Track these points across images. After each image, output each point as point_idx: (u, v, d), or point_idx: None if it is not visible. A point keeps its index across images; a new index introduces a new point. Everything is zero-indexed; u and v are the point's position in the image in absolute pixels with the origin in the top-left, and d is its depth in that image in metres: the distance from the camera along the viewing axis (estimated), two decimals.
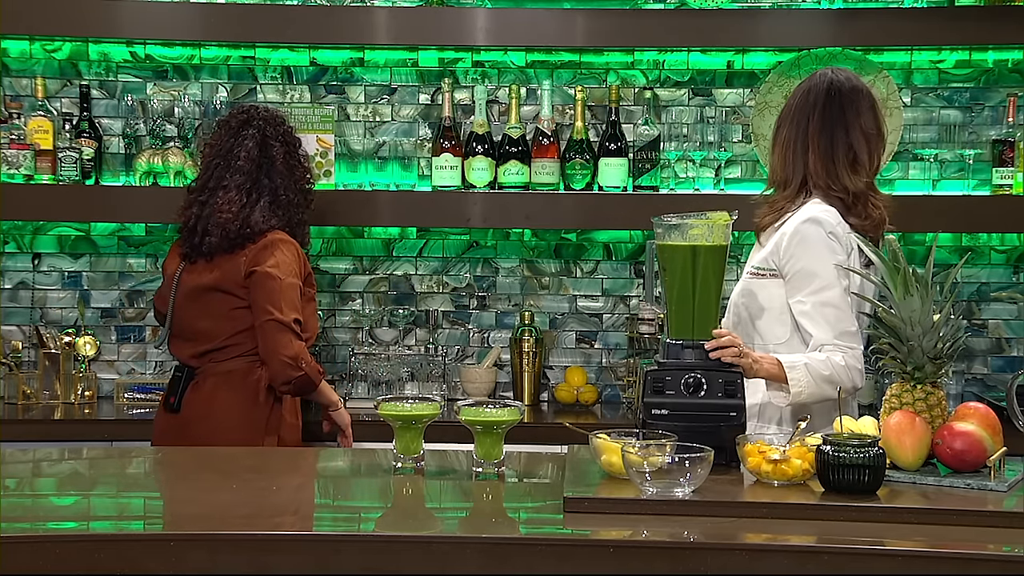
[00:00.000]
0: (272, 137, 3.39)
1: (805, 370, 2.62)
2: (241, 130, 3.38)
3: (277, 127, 3.42)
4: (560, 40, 4.01)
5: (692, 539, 1.97)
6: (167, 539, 1.98)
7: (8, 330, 4.17)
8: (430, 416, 2.44)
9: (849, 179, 2.83)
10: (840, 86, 2.88)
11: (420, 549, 1.95)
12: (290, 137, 3.45)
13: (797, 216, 2.81)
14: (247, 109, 3.44)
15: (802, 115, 2.88)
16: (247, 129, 3.38)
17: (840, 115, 2.85)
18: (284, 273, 3.25)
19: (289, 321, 3.19)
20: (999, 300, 4.17)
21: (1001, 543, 1.98)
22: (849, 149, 2.85)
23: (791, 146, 2.89)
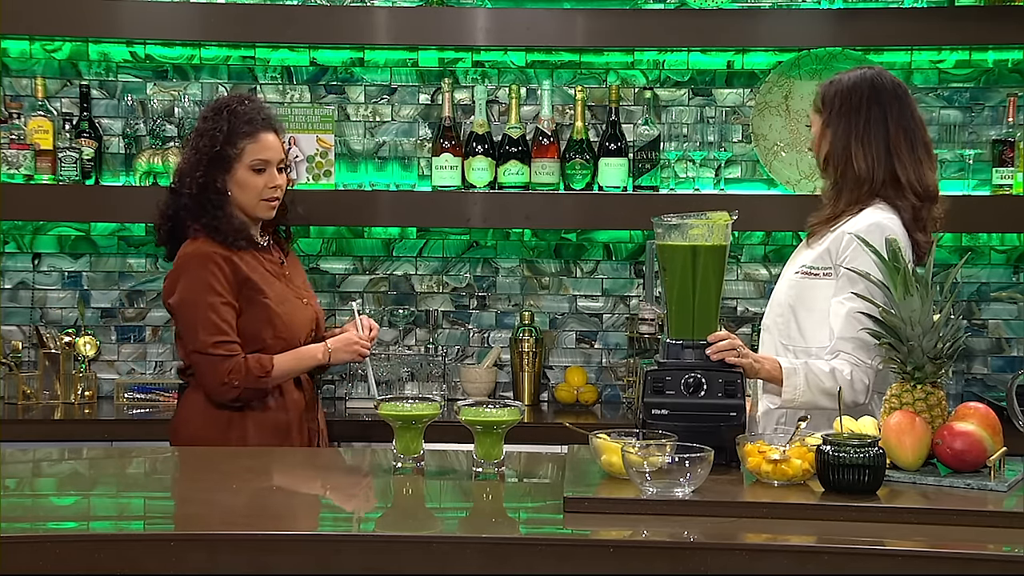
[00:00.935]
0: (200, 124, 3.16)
1: (804, 378, 2.62)
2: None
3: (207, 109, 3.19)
4: (560, 40, 4.01)
5: (692, 539, 1.97)
6: (167, 539, 1.98)
7: (8, 330, 4.17)
8: (430, 416, 2.44)
9: (931, 177, 2.85)
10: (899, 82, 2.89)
11: (420, 549, 1.95)
12: (208, 113, 3.13)
13: (862, 218, 2.77)
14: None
15: (876, 110, 2.81)
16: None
17: (912, 111, 2.84)
18: (192, 297, 3.02)
19: (208, 347, 2.99)
20: (999, 300, 4.17)
21: (1001, 543, 1.98)
22: (927, 146, 2.85)
23: (868, 142, 2.80)
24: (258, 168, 3.09)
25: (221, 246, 3.05)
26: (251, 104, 3.15)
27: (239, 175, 3.09)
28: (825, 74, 4.04)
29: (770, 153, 4.09)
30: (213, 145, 3.06)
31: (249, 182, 3.09)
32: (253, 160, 3.08)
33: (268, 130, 3.12)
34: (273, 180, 3.11)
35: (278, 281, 3.13)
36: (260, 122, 3.10)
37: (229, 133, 3.06)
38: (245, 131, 3.07)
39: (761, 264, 4.22)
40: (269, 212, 3.15)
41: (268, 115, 3.16)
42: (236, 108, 3.09)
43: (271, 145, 3.12)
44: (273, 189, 3.11)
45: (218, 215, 3.05)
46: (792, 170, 4.08)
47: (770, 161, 4.09)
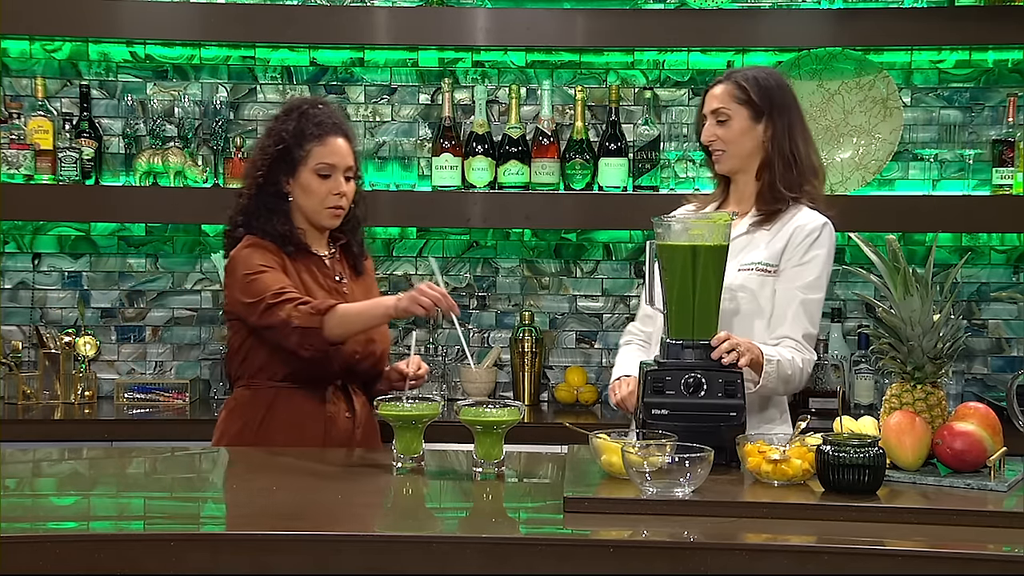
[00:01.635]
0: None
1: (776, 366, 2.65)
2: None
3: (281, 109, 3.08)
4: (560, 40, 4.01)
5: (692, 539, 1.97)
6: (167, 539, 1.98)
7: (8, 330, 4.17)
8: (430, 416, 2.44)
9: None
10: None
11: (420, 549, 1.95)
12: (280, 113, 3.03)
13: (807, 216, 2.82)
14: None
15: (798, 111, 2.90)
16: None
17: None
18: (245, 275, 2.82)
19: (269, 297, 2.77)
20: (999, 300, 4.17)
21: (1001, 543, 1.98)
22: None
23: (806, 135, 2.90)
24: (323, 173, 2.90)
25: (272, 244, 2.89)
26: (324, 108, 2.98)
27: (303, 178, 2.91)
28: (825, 74, 4.05)
29: None
30: (279, 144, 2.91)
31: (313, 186, 2.90)
32: (318, 164, 2.90)
33: (338, 135, 2.94)
34: (339, 187, 2.91)
35: (329, 296, 2.89)
36: (331, 126, 2.93)
37: (297, 134, 2.91)
38: (314, 133, 2.91)
39: None
40: (333, 220, 2.94)
41: (340, 120, 2.99)
42: (308, 110, 2.95)
43: (339, 150, 2.92)
44: (338, 196, 2.91)
45: (272, 219, 2.90)
46: None
47: None
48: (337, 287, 2.95)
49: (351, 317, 2.75)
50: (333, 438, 2.86)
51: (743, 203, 2.91)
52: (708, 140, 2.89)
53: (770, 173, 2.85)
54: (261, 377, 2.88)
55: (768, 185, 2.86)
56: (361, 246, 3.07)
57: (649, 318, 2.98)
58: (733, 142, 2.86)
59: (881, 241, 2.46)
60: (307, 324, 2.72)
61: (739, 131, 2.85)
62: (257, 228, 2.91)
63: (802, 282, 2.76)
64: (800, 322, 2.74)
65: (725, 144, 2.86)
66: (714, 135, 2.87)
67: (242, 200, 2.97)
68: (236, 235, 2.95)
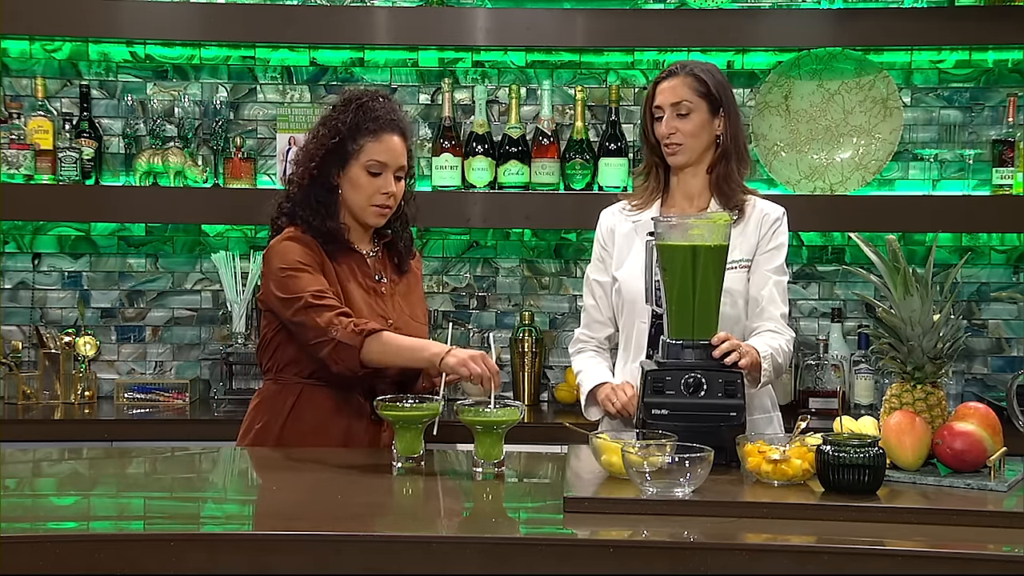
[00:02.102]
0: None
1: (771, 361, 2.69)
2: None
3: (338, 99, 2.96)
4: (560, 40, 4.01)
5: (692, 539, 1.97)
6: (167, 539, 1.98)
7: (8, 330, 4.17)
8: (430, 416, 2.44)
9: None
10: None
11: (420, 549, 1.95)
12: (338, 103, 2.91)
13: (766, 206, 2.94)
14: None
15: (736, 105, 2.97)
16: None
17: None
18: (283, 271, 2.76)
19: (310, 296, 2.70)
20: (999, 300, 4.17)
21: (1001, 543, 1.98)
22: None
23: (744, 135, 3.00)
24: (374, 171, 2.81)
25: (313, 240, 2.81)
26: (383, 103, 2.87)
27: (352, 172, 2.82)
28: (825, 74, 4.05)
29: (770, 153, 4.09)
30: (333, 136, 2.82)
31: (362, 182, 2.81)
32: (370, 160, 2.81)
33: (394, 132, 2.84)
34: (388, 186, 2.82)
35: (366, 296, 2.84)
36: (387, 122, 2.83)
37: (352, 127, 2.81)
38: (369, 128, 2.81)
39: None
40: (378, 219, 2.86)
41: (398, 117, 2.88)
42: (367, 103, 2.85)
43: (393, 148, 2.83)
44: (386, 196, 2.82)
45: (320, 212, 2.81)
46: (792, 170, 4.07)
47: (770, 161, 4.08)
48: (376, 287, 2.87)
49: (392, 350, 2.66)
50: (354, 439, 2.79)
51: (693, 198, 2.93)
52: (668, 133, 2.88)
53: (725, 166, 2.90)
54: (289, 372, 2.82)
55: (724, 178, 2.90)
56: (408, 245, 2.98)
57: (599, 324, 3.00)
58: (694, 135, 2.87)
59: (881, 241, 2.46)
60: (347, 340, 2.64)
61: (700, 124, 2.88)
62: (303, 220, 2.83)
63: (773, 266, 2.86)
64: (777, 304, 2.82)
65: (685, 137, 2.87)
66: (675, 128, 2.87)
67: (292, 188, 2.88)
68: (280, 224, 2.87)
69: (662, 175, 2.96)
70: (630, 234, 2.96)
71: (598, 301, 3.01)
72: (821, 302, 4.21)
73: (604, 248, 3.01)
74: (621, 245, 2.97)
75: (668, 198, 2.96)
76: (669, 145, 2.88)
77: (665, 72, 2.94)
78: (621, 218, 3.00)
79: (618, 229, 2.99)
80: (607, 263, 3.00)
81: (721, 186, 2.89)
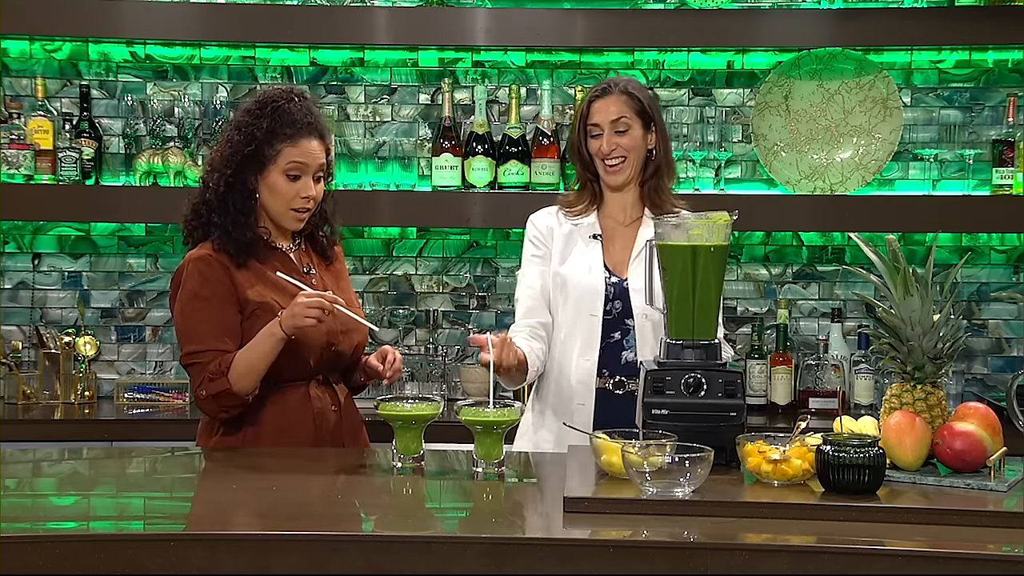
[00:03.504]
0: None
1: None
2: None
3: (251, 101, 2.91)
4: (560, 40, 4.01)
5: (692, 539, 1.97)
6: (167, 539, 1.98)
7: (8, 330, 4.17)
8: (430, 416, 2.44)
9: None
10: None
11: (420, 549, 1.95)
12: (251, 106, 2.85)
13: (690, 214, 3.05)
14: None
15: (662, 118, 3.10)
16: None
17: None
18: (180, 307, 2.79)
19: (184, 359, 2.78)
20: (999, 300, 4.17)
21: (1001, 543, 1.98)
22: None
23: (671, 147, 3.15)
24: (293, 174, 2.78)
25: (225, 256, 2.79)
26: (299, 103, 2.83)
27: (271, 178, 2.79)
28: (825, 74, 4.05)
29: (770, 153, 4.09)
30: (248, 143, 2.78)
31: (280, 188, 2.79)
32: (288, 164, 2.78)
33: (312, 135, 2.81)
34: (307, 189, 2.80)
35: (288, 288, 2.78)
36: (304, 126, 2.80)
37: (269, 132, 2.77)
38: (287, 133, 2.78)
39: (761, 264, 4.22)
40: (296, 224, 2.85)
41: (315, 119, 2.84)
42: (282, 106, 2.80)
43: (311, 151, 2.80)
44: (305, 200, 2.80)
45: (238, 220, 2.78)
46: (792, 170, 4.08)
47: (770, 161, 4.09)
48: (304, 279, 2.83)
49: (247, 361, 2.69)
50: (324, 432, 2.80)
51: (626, 210, 3.06)
52: (610, 150, 2.98)
53: (657, 179, 3.03)
54: None
55: (656, 190, 3.04)
56: (330, 236, 2.97)
57: (535, 311, 3.05)
58: (634, 149, 3.00)
59: (881, 241, 2.46)
60: (216, 391, 2.68)
61: (638, 139, 3.00)
62: (220, 230, 2.79)
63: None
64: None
65: (627, 151, 2.99)
66: (616, 144, 2.98)
67: (208, 194, 2.82)
68: (195, 232, 2.85)
69: (597, 189, 3.07)
70: (571, 235, 3.06)
71: (534, 288, 3.08)
72: (821, 302, 4.21)
73: (542, 245, 3.09)
74: (561, 244, 3.06)
75: (603, 210, 3.07)
76: (611, 161, 3.00)
77: (598, 90, 3.03)
78: (559, 220, 3.09)
79: (557, 229, 3.08)
80: (545, 260, 3.07)
81: (653, 198, 3.03)
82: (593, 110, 2.99)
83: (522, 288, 3.10)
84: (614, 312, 2.99)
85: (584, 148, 3.01)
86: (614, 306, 2.99)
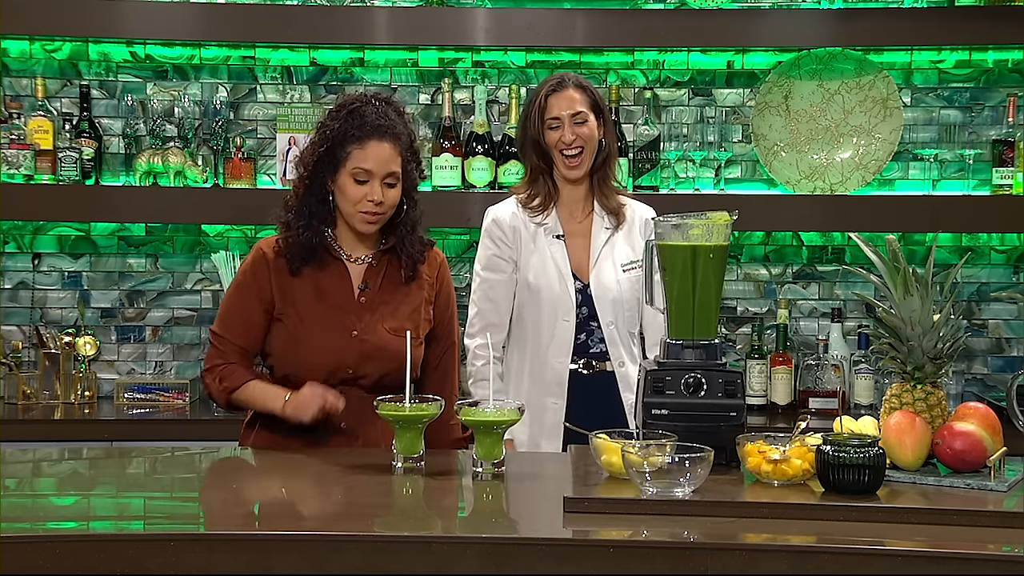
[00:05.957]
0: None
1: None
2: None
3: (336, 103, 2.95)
4: (560, 40, 4.01)
5: (692, 539, 1.97)
6: (167, 539, 1.98)
7: (8, 330, 4.17)
8: (430, 416, 2.44)
9: None
10: None
11: (420, 549, 1.95)
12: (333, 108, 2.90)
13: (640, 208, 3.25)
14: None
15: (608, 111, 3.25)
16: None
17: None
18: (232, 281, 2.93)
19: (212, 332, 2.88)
20: (999, 300, 4.17)
21: (1001, 543, 1.98)
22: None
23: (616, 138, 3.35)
24: (360, 179, 2.76)
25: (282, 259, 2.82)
26: (375, 107, 2.81)
27: (341, 180, 2.78)
28: (825, 74, 4.05)
29: (770, 153, 4.09)
30: (323, 144, 2.79)
31: (348, 190, 2.76)
32: (355, 168, 2.75)
33: (382, 138, 2.77)
34: (374, 194, 2.75)
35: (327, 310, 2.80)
36: (374, 128, 2.77)
37: (340, 134, 2.77)
38: (355, 135, 2.76)
39: (761, 264, 4.22)
40: (367, 227, 2.80)
41: (389, 123, 2.79)
42: (358, 109, 2.80)
43: (379, 156, 2.76)
44: (372, 203, 2.76)
45: (312, 224, 2.80)
46: (792, 170, 4.08)
47: (770, 161, 4.09)
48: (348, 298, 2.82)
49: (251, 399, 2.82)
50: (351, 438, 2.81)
51: (580, 204, 3.21)
52: (571, 139, 3.11)
53: (606, 169, 3.20)
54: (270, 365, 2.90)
55: (604, 180, 3.20)
56: (414, 252, 2.87)
57: (495, 327, 3.18)
58: (591, 141, 3.15)
59: (881, 241, 2.46)
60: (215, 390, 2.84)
61: (594, 130, 3.15)
62: (292, 229, 2.82)
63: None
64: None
65: (585, 142, 3.13)
66: (576, 134, 3.12)
67: (289, 195, 2.87)
68: (279, 227, 2.88)
69: (550, 182, 3.19)
70: (536, 236, 3.16)
71: (496, 303, 3.20)
72: (821, 302, 4.21)
73: (507, 247, 3.18)
74: (529, 247, 3.16)
75: (559, 207, 3.20)
76: (571, 152, 3.12)
77: (553, 85, 3.17)
78: (522, 219, 3.17)
79: (522, 229, 3.17)
80: (510, 263, 3.18)
81: (603, 188, 3.20)
82: (551, 104, 3.13)
83: (480, 297, 3.23)
84: (580, 316, 3.16)
85: (542, 140, 3.14)
86: (581, 311, 3.16)
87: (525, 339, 3.18)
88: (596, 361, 3.16)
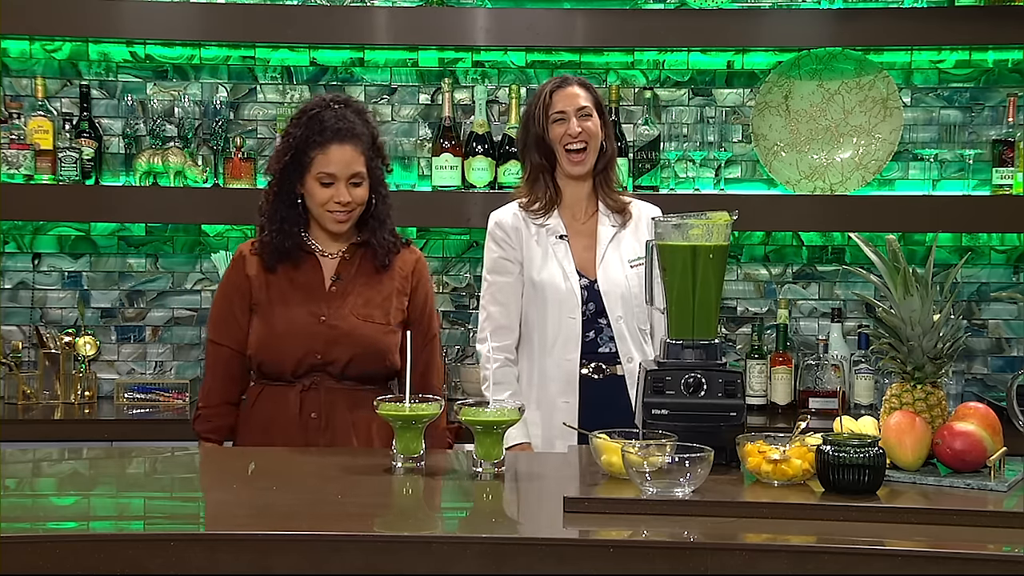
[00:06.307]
0: None
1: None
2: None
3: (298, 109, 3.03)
4: (560, 40, 4.01)
5: (692, 539, 1.97)
6: (167, 539, 1.98)
7: (8, 330, 4.17)
8: (430, 416, 2.44)
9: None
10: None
11: (420, 549, 1.95)
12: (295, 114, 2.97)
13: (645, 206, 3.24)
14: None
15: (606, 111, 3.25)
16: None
17: None
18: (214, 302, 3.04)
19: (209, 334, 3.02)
20: (999, 300, 4.17)
21: (1001, 543, 1.98)
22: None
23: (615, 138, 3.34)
24: (324, 182, 2.86)
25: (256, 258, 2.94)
26: (335, 111, 2.89)
27: (308, 184, 2.88)
28: (825, 74, 4.05)
29: (770, 153, 4.09)
30: (287, 151, 2.88)
31: (315, 193, 2.87)
32: (319, 172, 2.85)
33: (342, 142, 2.85)
34: (340, 195, 2.85)
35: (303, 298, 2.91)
36: (334, 132, 2.85)
37: (302, 140, 2.86)
38: (316, 140, 2.85)
39: (761, 264, 4.22)
40: (337, 226, 2.90)
41: (347, 125, 2.87)
42: (317, 114, 2.88)
43: (341, 159, 2.85)
44: (339, 204, 2.87)
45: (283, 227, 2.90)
46: (792, 170, 4.08)
47: (770, 161, 4.09)
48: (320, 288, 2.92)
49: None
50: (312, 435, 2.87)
51: (583, 204, 3.20)
52: (577, 132, 3.11)
53: (607, 171, 3.20)
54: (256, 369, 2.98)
55: (607, 182, 3.20)
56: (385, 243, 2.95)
57: (505, 330, 3.16)
58: (595, 137, 3.15)
59: (881, 241, 2.46)
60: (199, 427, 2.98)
61: (599, 127, 3.15)
62: (265, 233, 2.94)
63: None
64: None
65: (589, 138, 3.13)
66: (582, 127, 3.12)
67: (261, 200, 2.98)
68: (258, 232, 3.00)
69: (551, 182, 3.18)
70: (539, 237, 3.16)
71: (505, 306, 3.17)
72: (821, 302, 4.21)
73: (511, 249, 3.18)
74: (532, 247, 3.15)
75: (562, 208, 3.19)
76: (576, 145, 3.12)
77: (557, 82, 3.18)
78: (525, 221, 3.17)
79: (525, 231, 3.17)
80: (515, 265, 3.17)
81: (605, 189, 3.19)
82: (556, 99, 3.13)
83: (489, 300, 3.20)
84: (588, 313, 3.12)
85: (547, 136, 3.13)
86: (588, 308, 3.13)
87: (532, 338, 3.17)
88: (606, 364, 3.11)
